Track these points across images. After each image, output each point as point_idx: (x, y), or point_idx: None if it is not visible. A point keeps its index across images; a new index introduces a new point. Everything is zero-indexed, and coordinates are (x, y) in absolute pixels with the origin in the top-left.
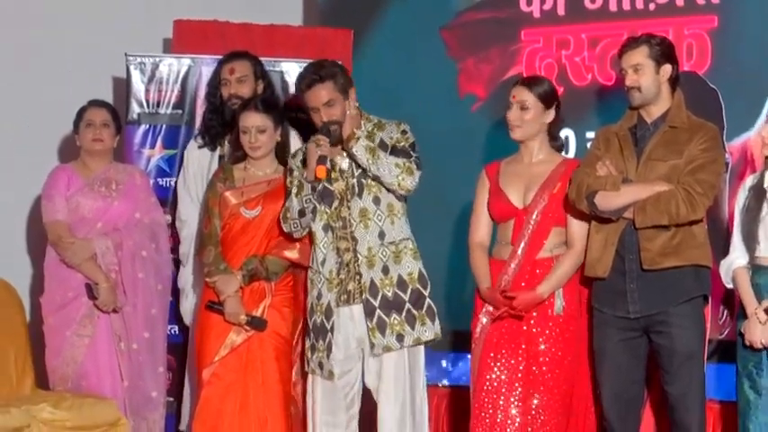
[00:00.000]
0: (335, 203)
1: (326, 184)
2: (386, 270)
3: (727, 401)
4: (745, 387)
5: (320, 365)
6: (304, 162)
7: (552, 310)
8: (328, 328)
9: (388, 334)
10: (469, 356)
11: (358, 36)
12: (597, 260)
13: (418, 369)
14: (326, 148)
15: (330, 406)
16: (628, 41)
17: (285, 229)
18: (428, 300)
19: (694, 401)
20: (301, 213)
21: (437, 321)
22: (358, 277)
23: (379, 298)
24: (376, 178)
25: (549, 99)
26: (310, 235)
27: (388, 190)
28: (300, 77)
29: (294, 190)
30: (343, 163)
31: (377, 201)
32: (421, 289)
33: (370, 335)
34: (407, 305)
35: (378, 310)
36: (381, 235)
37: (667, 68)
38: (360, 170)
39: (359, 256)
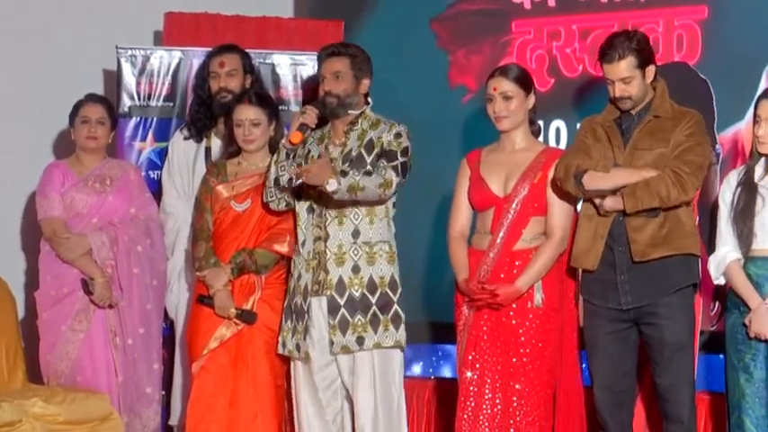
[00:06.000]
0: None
1: None
2: (356, 269)
3: (717, 393)
4: (741, 380)
5: (297, 347)
6: None
7: (531, 303)
8: (305, 309)
9: (349, 334)
10: (449, 347)
11: (348, 28)
12: (585, 253)
13: (390, 371)
14: (310, 118)
15: (313, 397)
16: (610, 52)
17: (263, 199)
18: (396, 306)
19: (684, 392)
20: (276, 182)
21: (402, 329)
22: (326, 270)
23: (346, 296)
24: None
25: (527, 83)
26: (294, 215)
27: None
28: (323, 48)
29: (274, 157)
30: (334, 152)
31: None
32: (390, 293)
33: (330, 332)
34: (374, 308)
35: (342, 309)
36: (356, 234)
37: (651, 69)
38: (344, 166)
39: (328, 251)
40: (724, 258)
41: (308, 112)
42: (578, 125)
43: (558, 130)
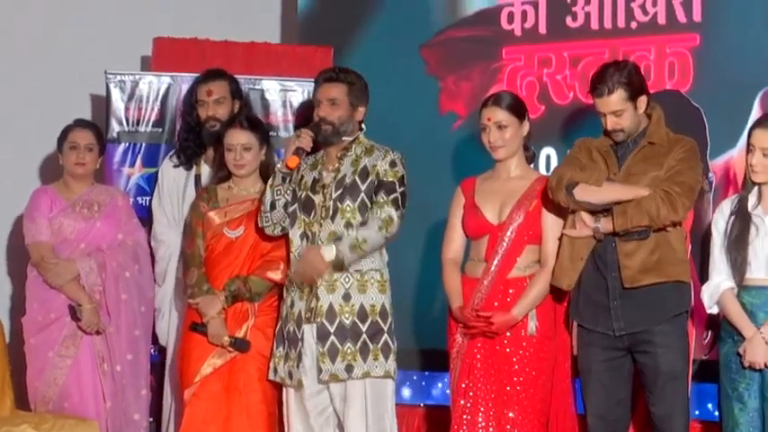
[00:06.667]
0: (312, 215)
1: (310, 194)
2: (347, 297)
3: (709, 421)
4: (735, 410)
5: (290, 375)
6: None
7: (525, 331)
8: (299, 337)
9: (338, 362)
10: (438, 374)
11: (337, 53)
12: (564, 273)
13: (383, 400)
14: (306, 142)
15: (305, 424)
16: (600, 86)
17: (259, 224)
18: (386, 335)
19: (679, 422)
20: (272, 206)
21: (392, 359)
22: (316, 299)
23: (336, 324)
24: None
25: (521, 111)
26: (287, 242)
27: None
28: (321, 72)
29: (270, 181)
30: (327, 177)
31: (348, 226)
32: (381, 322)
33: (320, 360)
34: (364, 336)
35: (332, 336)
36: None
37: (643, 99)
38: (338, 192)
39: (319, 279)
40: (718, 287)
41: (303, 135)
42: (569, 153)
43: (548, 158)
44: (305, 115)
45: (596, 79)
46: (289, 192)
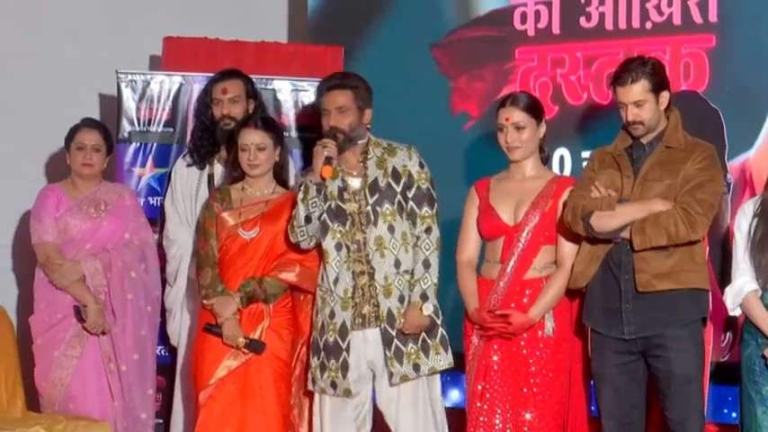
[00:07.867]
0: (348, 224)
1: (339, 203)
2: (402, 299)
3: (726, 424)
4: (758, 413)
5: (333, 385)
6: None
7: (543, 332)
8: (343, 347)
9: (405, 363)
10: (451, 376)
11: (348, 53)
12: (581, 273)
13: (436, 396)
14: (333, 150)
15: (340, 427)
16: (624, 74)
17: (292, 240)
18: (441, 329)
19: (694, 426)
20: (308, 219)
21: (450, 350)
22: (374, 303)
23: (397, 327)
24: None
25: (538, 112)
26: (321, 253)
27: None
28: (324, 80)
29: (300, 195)
30: (355, 183)
31: (391, 229)
32: (434, 318)
33: (389, 364)
34: (422, 334)
35: (395, 340)
36: (397, 264)
37: (665, 95)
38: (374, 197)
39: (376, 284)
40: (741, 289)
41: (329, 145)
42: (583, 153)
43: (561, 159)
44: (309, 114)
45: (620, 69)
46: (323, 203)
